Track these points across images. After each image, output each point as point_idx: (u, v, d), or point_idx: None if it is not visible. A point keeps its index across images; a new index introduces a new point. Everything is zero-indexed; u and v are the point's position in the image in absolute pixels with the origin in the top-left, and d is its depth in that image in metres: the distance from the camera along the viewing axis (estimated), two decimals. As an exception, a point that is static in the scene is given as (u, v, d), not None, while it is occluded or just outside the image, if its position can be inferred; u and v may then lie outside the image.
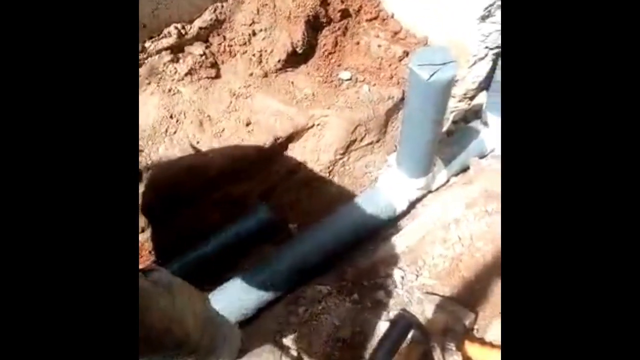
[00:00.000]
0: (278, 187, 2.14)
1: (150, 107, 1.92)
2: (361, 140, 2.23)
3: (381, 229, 2.08)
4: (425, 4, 2.31)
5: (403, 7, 2.41)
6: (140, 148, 1.87)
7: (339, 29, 2.34)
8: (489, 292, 1.60)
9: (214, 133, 1.99)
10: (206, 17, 2.06)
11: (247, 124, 2.04)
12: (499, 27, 2.17)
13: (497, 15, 2.13)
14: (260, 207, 2.05)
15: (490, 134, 2.28)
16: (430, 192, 2.20)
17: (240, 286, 1.88)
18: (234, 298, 1.85)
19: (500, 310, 1.52)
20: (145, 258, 2.02)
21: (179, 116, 1.95)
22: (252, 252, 2.07)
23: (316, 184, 2.19)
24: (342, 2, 2.35)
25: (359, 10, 2.42)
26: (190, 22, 2.03)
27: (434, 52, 1.75)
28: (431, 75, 1.63)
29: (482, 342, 1.44)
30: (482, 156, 2.28)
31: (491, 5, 2.08)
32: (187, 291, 1.01)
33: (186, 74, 2.00)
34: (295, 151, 2.14)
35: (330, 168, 2.21)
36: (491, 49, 2.24)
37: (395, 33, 2.43)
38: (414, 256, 1.77)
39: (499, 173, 2.06)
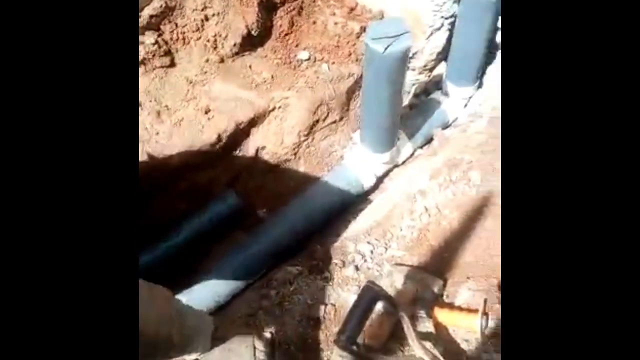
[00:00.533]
0: (243, 172, 2.12)
1: (104, 100, 1.87)
2: (324, 119, 2.22)
3: (350, 206, 2.09)
4: (378, -22, 2.29)
5: (357, -18, 2.39)
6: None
7: (294, 8, 2.30)
8: (457, 259, 1.62)
9: (173, 123, 1.95)
10: (156, 5, 1.99)
11: (207, 112, 2.00)
12: (452, -5, 2.17)
13: (450, -15, 2.13)
14: (227, 193, 2.03)
15: (451, 104, 2.30)
16: (396, 165, 2.22)
17: (212, 275, 1.87)
18: (207, 287, 1.84)
19: (467, 275, 1.54)
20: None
21: (135, 108, 1.91)
22: (223, 239, 2.05)
23: (282, 166, 2.18)
24: (296, -19, 2.31)
25: (313, -11, 2.39)
26: (140, 10, 1.97)
27: (387, 24, 1.75)
28: (386, 48, 1.63)
29: (451, 307, 1.46)
30: (445, 127, 2.30)
31: (443, -26, 2.08)
32: (147, 290, 0.99)
33: (139, 64, 1.95)
34: (258, 135, 2.12)
35: (295, 150, 2.19)
36: (446, 18, 2.25)
37: (351, 9, 2.40)
38: (382, 229, 1.78)
39: (461, 142, 2.07)
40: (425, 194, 1.85)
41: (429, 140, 2.25)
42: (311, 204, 2.02)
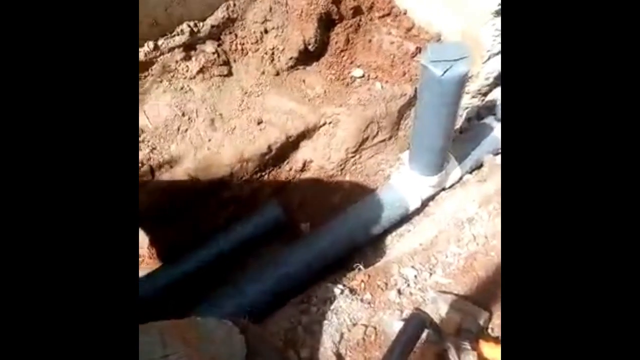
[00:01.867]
0: (289, 185, 2.13)
1: (162, 105, 1.93)
2: (373, 138, 2.21)
3: (394, 227, 2.07)
4: (437, 1, 2.28)
5: (416, 3, 2.39)
6: (152, 146, 1.88)
7: (351, 26, 2.32)
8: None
9: (226, 131, 1.99)
10: (218, 15, 2.05)
11: (259, 122, 2.03)
12: (513, 22, 2.13)
13: (512, 10, 2.09)
14: (271, 205, 2.05)
15: (504, 130, 2.25)
16: (443, 189, 2.18)
17: (252, 285, 1.88)
18: (245, 297, 1.85)
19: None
20: (154, 260, 2.03)
21: (191, 114, 1.96)
22: (264, 250, 2.06)
23: (328, 182, 2.18)
24: (354, -1, 2.33)
25: (371, 7, 2.40)
26: (203, 20, 2.03)
27: (446, 47, 1.73)
28: (445, 71, 1.61)
29: (496, 341, 1.41)
30: (497, 153, 2.25)
31: (506, -1, 2.04)
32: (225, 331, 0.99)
33: (198, 72, 2.00)
34: (306, 149, 2.13)
35: (342, 166, 2.19)
36: (506, 44, 2.21)
37: (408, 29, 2.40)
38: (427, 254, 1.74)
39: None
40: (474, 221, 1.81)
41: (479, 166, 2.21)
42: (354, 222, 2.00)
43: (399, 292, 1.63)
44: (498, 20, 2.11)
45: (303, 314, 1.63)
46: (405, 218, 2.08)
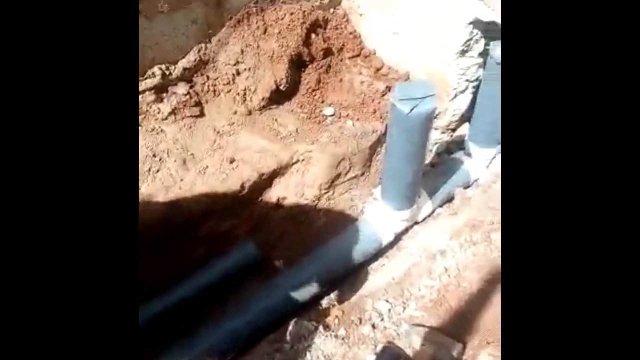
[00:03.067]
0: (263, 223, 2.13)
1: (135, 146, 1.94)
2: (346, 174, 2.24)
3: (369, 262, 2.07)
4: (406, 41, 2.38)
5: (385, 44, 2.49)
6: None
7: (322, 66, 2.39)
8: (477, 323, 1.57)
9: (198, 171, 2.00)
10: (190, 58, 2.10)
11: (232, 161, 2.05)
12: (477, 61, 2.23)
13: (476, 50, 2.20)
14: (246, 243, 2.03)
15: (473, 164, 2.30)
16: (416, 223, 2.20)
17: (226, 324, 1.85)
18: (219, 337, 1.81)
19: (487, 341, 1.49)
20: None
21: (163, 155, 1.97)
22: (239, 288, 2.03)
23: (302, 219, 2.18)
24: (325, 41, 2.42)
25: (341, 49, 2.49)
26: (175, 63, 2.07)
27: (414, 86, 1.80)
28: (412, 109, 1.66)
29: (471, 374, 1.40)
30: (467, 186, 2.29)
31: (470, 40, 2.15)
32: None
33: (170, 114, 2.03)
34: (280, 187, 2.15)
35: (316, 202, 2.21)
36: (471, 81, 2.30)
37: (378, 69, 2.49)
38: (400, 288, 1.75)
39: (483, 202, 2.06)
40: (446, 254, 1.82)
41: (450, 200, 2.24)
42: (329, 258, 2.00)
43: (373, 326, 1.62)
44: (462, 60, 2.21)
45: (277, 352, 1.61)
46: (380, 252, 2.09)
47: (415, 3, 2.24)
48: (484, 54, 2.19)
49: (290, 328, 1.68)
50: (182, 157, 1.99)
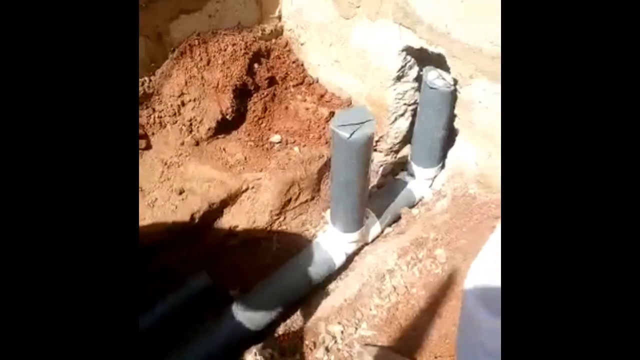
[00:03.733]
0: (216, 252, 2.14)
1: (79, 183, 1.91)
2: (296, 199, 2.30)
3: (321, 285, 2.11)
4: (346, 69, 2.48)
5: (326, 72, 2.58)
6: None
7: (267, 95, 2.45)
8: (424, 338, 1.64)
9: (147, 204, 1.99)
10: (134, 92, 2.11)
11: (180, 192, 2.05)
12: (413, 85, 2.36)
13: (410, 75, 2.32)
14: (198, 274, 2.03)
15: (417, 184, 2.41)
16: (366, 244, 2.27)
17: (182, 358, 1.83)
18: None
19: (435, 355, 1.56)
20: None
21: (110, 190, 1.94)
22: (194, 320, 2.02)
23: (254, 246, 2.21)
24: (268, 70, 2.48)
25: (285, 77, 2.56)
26: (118, 97, 2.06)
27: (353, 112, 1.88)
28: (351, 134, 1.74)
29: (421, 388, 1.46)
30: (412, 206, 2.40)
31: (404, 66, 2.27)
32: None
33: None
34: (230, 215, 2.17)
35: (268, 229, 2.24)
36: (409, 105, 2.42)
37: (321, 96, 2.58)
38: (352, 309, 1.80)
39: (427, 220, 2.16)
40: (394, 272, 1.90)
41: (397, 219, 2.34)
42: (282, 284, 2.03)
43: (327, 349, 1.66)
44: (399, 84, 2.33)
45: (233, 384, 1.61)
46: (332, 275, 2.14)
47: (351, 34, 2.35)
48: (418, 78, 2.32)
49: (247, 356, 1.69)
50: (129, 191, 1.97)
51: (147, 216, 1.96)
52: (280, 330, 1.90)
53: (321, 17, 2.46)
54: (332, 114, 2.50)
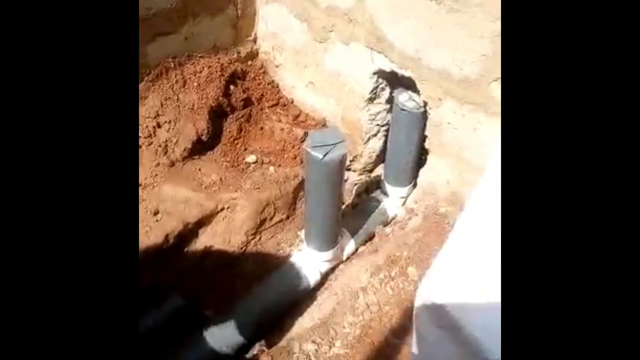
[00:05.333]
0: (190, 273, 2.14)
1: (52, 204, 1.90)
2: (271, 219, 2.32)
3: (297, 304, 2.12)
4: (320, 90, 2.54)
5: (301, 93, 2.64)
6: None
7: (242, 116, 2.49)
8: (398, 355, 1.67)
9: (121, 225, 1.98)
10: (109, 113, 2.11)
11: (155, 213, 2.06)
12: (385, 106, 2.43)
13: (382, 97, 2.39)
14: (172, 295, 2.03)
15: (390, 202, 2.46)
16: (341, 262, 2.30)
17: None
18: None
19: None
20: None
21: (83, 211, 1.94)
22: (168, 342, 2.01)
23: (229, 266, 2.21)
24: (244, 92, 2.53)
25: (260, 98, 2.61)
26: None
27: (325, 133, 1.93)
28: (325, 155, 1.79)
29: (393, 405, 1.49)
30: (386, 224, 2.44)
31: (376, 88, 2.34)
32: None
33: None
34: (206, 236, 2.17)
35: (243, 249, 2.25)
36: (381, 125, 2.49)
37: (296, 117, 2.63)
38: (326, 327, 1.82)
39: (400, 238, 2.21)
40: (367, 290, 1.93)
41: (371, 238, 2.38)
42: (257, 304, 2.04)
43: (301, 368, 1.67)
44: (371, 106, 2.40)
45: (207, 406, 1.60)
46: (307, 294, 2.15)
47: (324, 57, 2.42)
48: (390, 100, 2.39)
49: (220, 378, 1.69)
50: (103, 212, 1.97)
51: (121, 237, 1.95)
52: (255, 350, 1.90)
53: (296, 40, 2.53)
54: (306, 134, 2.54)
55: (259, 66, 2.67)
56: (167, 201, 2.11)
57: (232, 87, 2.47)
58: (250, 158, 2.41)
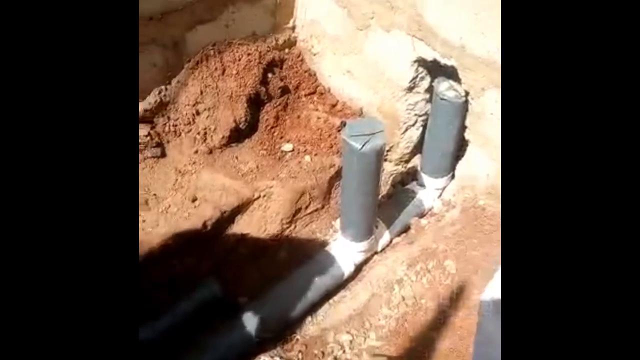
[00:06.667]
0: (226, 260, 2.16)
1: (95, 189, 1.95)
2: (306, 208, 2.32)
3: (330, 294, 2.12)
4: (357, 79, 2.51)
5: (338, 82, 2.61)
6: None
7: (279, 104, 2.49)
8: (433, 349, 1.65)
9: (160, 210, 2.02)
10: (150, 100, 2.15)
11: (193, 200, 2.09)
12: (424, 96, 2.37)
13: (422, 86, 2.34)
14: (208, 281, 2.06)
15: (426, 194, 2.42)
16: (375, 253, 2.29)
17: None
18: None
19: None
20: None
21: (124, 196, 1.98)
22: (202, 328, 2.04)
23: (264, 254, 2.23)
24: (281, 80, 2.52)
25: (297, 87, 2.59)
26: (134, 105, 2.11)
27: (364, 123, 1.91)
28: (363, 145, 1.76)
29: (429, 400, 1.47)
30: (422, 216, 2.40)
31: (415, 77, 2.29)
32: None
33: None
34: (242, 223, 2.19)
35: (278, 237, 2.26)
36: (419, 115, 2.44)
37: (333, 106, 2.60)
38: (361, 319, 1.81)
39: (437, 231, 2.17)
40: (403, 283, 1.91)
41: (406, 229, 2.35)
42: (291, 293, 2.04)
43: (335, 359, 1.67)
44: (410, 95, 2.35)
45: (242, 391, 1.63)
46: (341, 284, 2.15)
47: (364, 44, 2.38)
48: (430, 89, 2.34)
49: (255, 365, 1.71)
50: (144, 197, 2.02)
51: (160, 222, 2.00)
52: (288, 338, 1.91)
53: (335, 28, 2.50)
54: (343, 123, 2.52)
55: (296, 54, 2.65)
56: (205, 188, 2.13)
57: (269, 75, 2.47)
58: (287, 147, 2.41)
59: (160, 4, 2.00)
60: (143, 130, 2.11)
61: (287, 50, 2.64)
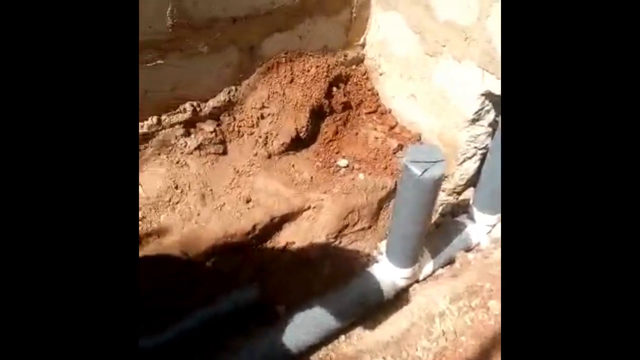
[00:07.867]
0: (269, 265, 2.18)
1: (158, 176, 2.01)
2: (354, 225, 2.32)
3: (367, 316, 2.11)
4: (421, 104, 2.51)
5: (400, 104, 2.61)
6: (143, 215, 1.93)
7: (340, 119, 2.51)
8: (471, 390, 1.62)
9: (215, 207, 2.06)
10: (220, 98, 2.21)
11: (248, 201, 2.12)
12: (487, 130, 2.35)
13: (486, 119, 2.32)
14: (249, 285, 2.08)
15: (475, 229, 2.38)
16: (417, 281, 2.26)
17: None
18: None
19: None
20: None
21: (184, 187, 2.04)
22: (238, 331, 2.06)
23: (307, 265, 2.24)
24: (345, 95, 2.54)
25: (359, 104, 2.61)
26: (205, 101, 2.17)
27: (425, 150, 1.90)
28: (423, 172, 1.76)
29: None
30: (468, 250, 2.37)
31: (481, 109, 2.27)
32: None
33: (195, 149, 2.11)
34: (289, 231, 2.21)
35: (322, 250, 2.27)
36: (479, 149, 2.41)
37: (392, 127, 2.61)
38: (398, 347, 1.80)
39: (483, 268, 2.14)
40: (444, 316, 1.89)
41: (451, 262, 2.32)
42: (330, 309, 2.04)
43: (370, 383, 1.66)
44: (473, 127, 2.33)
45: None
46: (380, 307, 2.13)
47: (433, 71, 2.38)
48: (493, 124, 2.31)
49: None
50: (202, 192, 2.06)
51: (213, 219, 2.04)
52: (321, 354, 1.91)
53: (405, 50, 2.50)
54: (400, 146, 2.52)
55: (362, 72, 2.68)
56: (260, 192, 2.17)
57: (334, 89, 2.50)
58: (342, 162, 2.42)
59: (246, 8, 2.05)
60: (210, 126, 2.16)
61: (354, 67, 2.66)
